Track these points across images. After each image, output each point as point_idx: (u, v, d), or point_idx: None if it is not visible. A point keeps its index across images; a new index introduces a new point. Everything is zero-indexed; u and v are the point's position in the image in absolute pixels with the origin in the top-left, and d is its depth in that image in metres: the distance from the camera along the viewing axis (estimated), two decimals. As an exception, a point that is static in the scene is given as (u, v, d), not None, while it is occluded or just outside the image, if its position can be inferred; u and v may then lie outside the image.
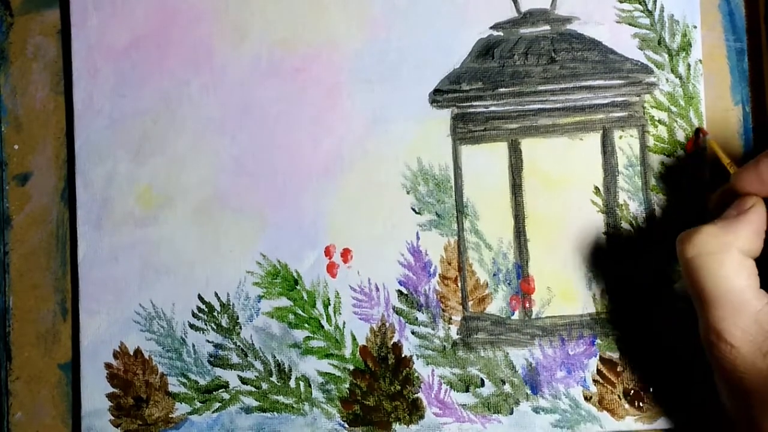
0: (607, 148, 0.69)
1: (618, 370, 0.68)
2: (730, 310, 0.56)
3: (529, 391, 0.69)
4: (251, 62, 0.72)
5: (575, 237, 0.69)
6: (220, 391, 0.71)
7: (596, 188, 0.69)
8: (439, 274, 0.70)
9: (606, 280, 0.68)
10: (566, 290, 0.69)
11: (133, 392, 0.72)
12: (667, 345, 0.68)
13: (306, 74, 0.72)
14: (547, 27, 0.70)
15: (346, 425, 0.70)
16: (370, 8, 0.72)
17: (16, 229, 0.74)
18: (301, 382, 0.71)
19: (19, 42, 0.74)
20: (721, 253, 0.56)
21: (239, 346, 0.71)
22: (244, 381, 0.71)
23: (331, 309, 0.71)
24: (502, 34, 0.71)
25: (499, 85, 0.70)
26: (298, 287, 0.71)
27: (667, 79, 0.69)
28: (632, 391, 0.68)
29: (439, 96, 0.70)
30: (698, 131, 0.65)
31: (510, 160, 0.70)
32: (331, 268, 0.71)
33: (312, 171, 0.71)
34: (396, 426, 0.70)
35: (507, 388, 0.69)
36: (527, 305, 0.69)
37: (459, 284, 0.70)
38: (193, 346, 0.72)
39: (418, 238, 0.70)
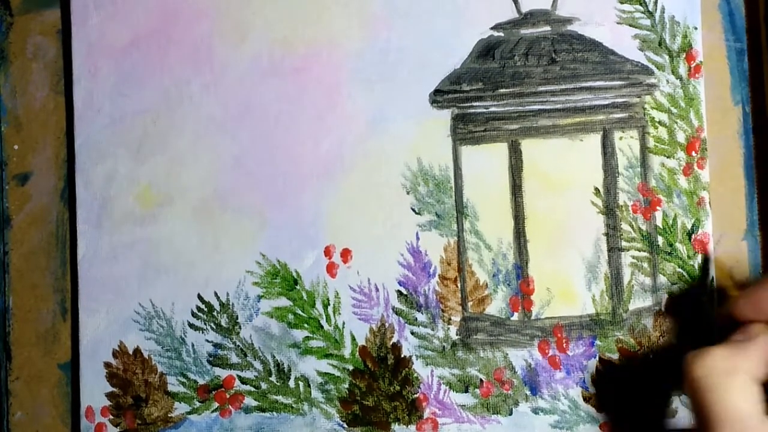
0: (608, 149, 0.69)
1: (617, 371, 0.69)
2: None
3: (528, 392, 0.69)
4: (252, 62, 0.72)
5: (575, 238, 0.69)
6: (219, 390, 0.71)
7: (596, 189, 0.69)
8: (439, 275, 0.70)
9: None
10: (566, 291, 0.69)
11: (132, 391, 0.72)
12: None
13: (306, 74, 0.72)
14: (548, 28, 0.70)
15: (345, 425, 0.70)
16: (370, 8, 0.72)
17: (16, 229, 0.74)
18: (300, 382, 0.71)
19: (19, 42, 0.74)
20: (730, 376, 0.55)
21: (239, 345, 0.71)
22: (243, 381, 0.71)
23: (330, 309, 0.71)
24: (502, 34, 0.71)
25: (499, 86, 0.70)
26: (297, 287, 0.71)
27: (667, 81, 0.69)
28: (631, 392, 0.68)
29: (439, 96, 0.70)
30: None
31: (510, 161, 0.70)
32: (331, 268, 0.71)
33: (312, 171, 0.71)
34: (395, 426, 0.70)
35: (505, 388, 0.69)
36: (527, 306, 0.69)
37: (459, 285, 0.70)
38: (193, 345, 0.72)
39: (417, 239, 0.70)
